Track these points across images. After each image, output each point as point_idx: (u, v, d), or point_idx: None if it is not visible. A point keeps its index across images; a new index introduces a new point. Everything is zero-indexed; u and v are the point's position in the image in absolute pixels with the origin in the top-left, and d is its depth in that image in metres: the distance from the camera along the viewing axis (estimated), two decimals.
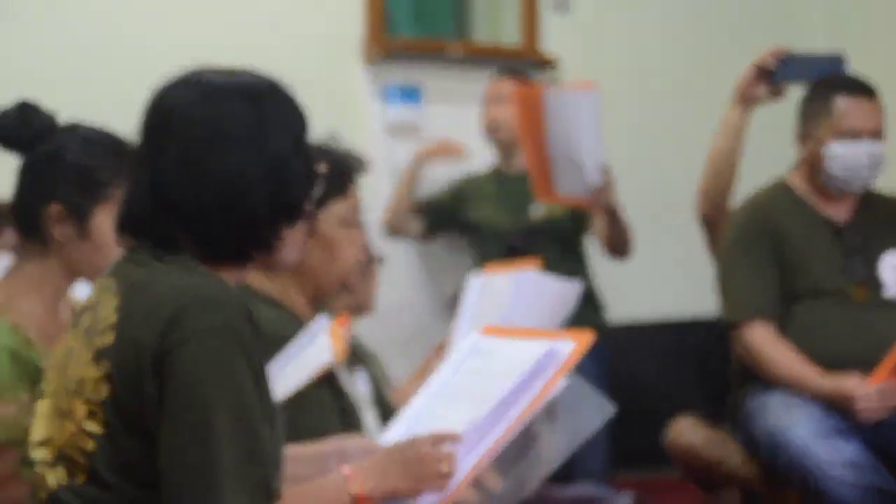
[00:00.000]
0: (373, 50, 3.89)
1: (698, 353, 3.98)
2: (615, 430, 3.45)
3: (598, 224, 3.42)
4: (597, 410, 1.75)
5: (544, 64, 4.06)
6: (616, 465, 3.59)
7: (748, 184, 3.03)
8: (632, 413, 3.64)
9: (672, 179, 3.95)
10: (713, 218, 3.02)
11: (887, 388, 2.60)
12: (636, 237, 3.51)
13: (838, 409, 2.64)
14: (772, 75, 2.92)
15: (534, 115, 3.06)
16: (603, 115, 4.12)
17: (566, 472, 3.34)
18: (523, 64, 4.02)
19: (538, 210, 3.49)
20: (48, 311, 1.86)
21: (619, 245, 3.45)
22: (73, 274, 1.88)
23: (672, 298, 4.15)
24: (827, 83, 2.79)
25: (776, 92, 2.94)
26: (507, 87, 3.57)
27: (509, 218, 3.51)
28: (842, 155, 2.75)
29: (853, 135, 2.73)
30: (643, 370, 3.96)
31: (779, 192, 2.86)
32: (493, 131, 3.58)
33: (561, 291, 2.52)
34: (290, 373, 1.92)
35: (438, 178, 3.89)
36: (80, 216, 1.85)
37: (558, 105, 3.05)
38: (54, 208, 1.85)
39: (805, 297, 2.77)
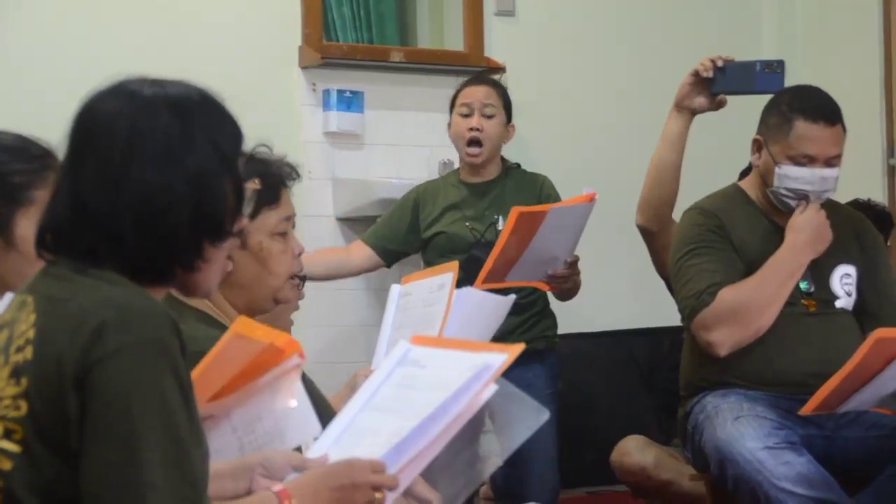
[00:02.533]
0: (310, 55, 3.89)
1: (649, 365, 3.96)
2: (567, 447, 3.47)
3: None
4: (531, 415, 1.75)
5: (490, 70, 4.02)
6: (569, 482, 3.57)
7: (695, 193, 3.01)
8: (583, 429, 3.67)
9: (619, 188, 3.92)
10: (654, 228, 3.02)
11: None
12: (584, 245, 3.47)
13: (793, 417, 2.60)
14: (710, 84, 2.88)
15: (529, 226, 3.01)
16: (547, 123, 4.11)
17: (516, 491, 3.33)
18: (469, 70, 4.00)
19: (500, 222, 3.44)
20: None
21: (566, 297, 3.44)
22: (2, 287, 1.81)
23: (623, 310, 4.13)
24: (793, 101, 2.77)
25: (717, 103, 2.92)
26: (488, 95, 3.49)
27: (473, 229, 3.45)
28: (792, 177, 2.75)
29: (807, 161, 2.73)
30: (593, 382, 3.94)
31: (731, 196, 2.86)
32: (472, 145, 3.47)
33: (496, 304, 2.55)
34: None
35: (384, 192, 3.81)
36: (1, 226, 1.82)
37: (558, 217, 3.03)
38: None
39: None
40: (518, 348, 1.64)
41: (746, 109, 3.08)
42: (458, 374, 1.65)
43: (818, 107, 2.75)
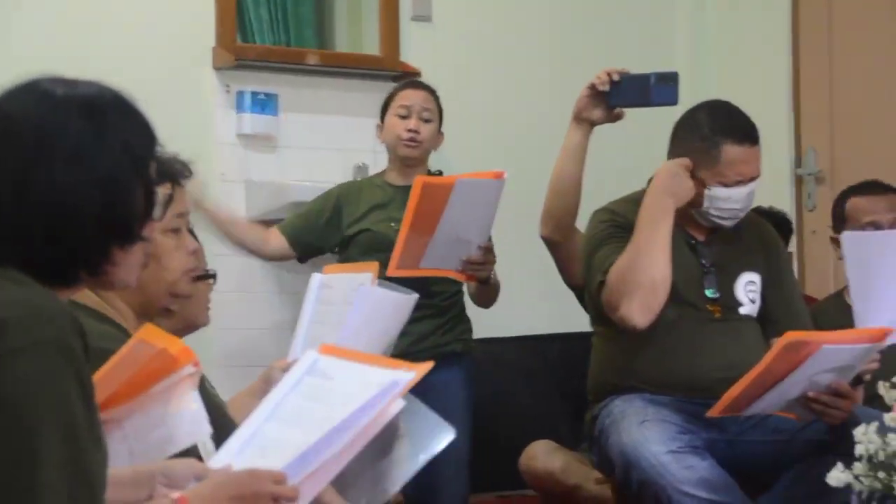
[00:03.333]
0: (224, 56, 3.85)
1: (562, 370, 3.97)
2: (479, 451, 3.47)
3: (470, 285, 3.44)
4: (437, 433, 1.80)
5: (406, 74, 4.02)
6: (480, 486, 3.57)
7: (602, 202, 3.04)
8: (496, 433, 3.67)
9: (535, 193, 3.94)
10: (557, 239, 3.05)
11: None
12: (501, 250, 3.49)
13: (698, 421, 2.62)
14: (607, 97, 2.90)
15: (436, 200, 3.03)
16: (463, 128, 4.11)
17: (427, 496, 3.32)
18: (384, 74, 3.99)
19: None
20: None
21: (486, 302, 3.48)
22: None
23: (538, 316, 4.14)
24: (714, 124, 2.80)
25: (614, 116, 2.96)
26: (427, 101, 3.52)
27: (397, 229, 3.44)
28: (722, 198, 2.79)
29: (738, 183, 2.77)
30: (507, 386, 3.94)
31: (639, 200, 2.87)
32: (410, 144, 3.46)
33: (398, 303, 2.55)
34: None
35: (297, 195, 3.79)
36: None
37: (466, 192, 3.05)
38: None
39: (667, 305, 2.76)
40: (426, 367, 1.67)
41: (653, 119, 3.11)
42: (364, 389, 1.66)
43: (741, 128, 2.79)
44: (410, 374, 1.66)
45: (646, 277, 2.70)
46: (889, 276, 2.73)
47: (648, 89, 2.92)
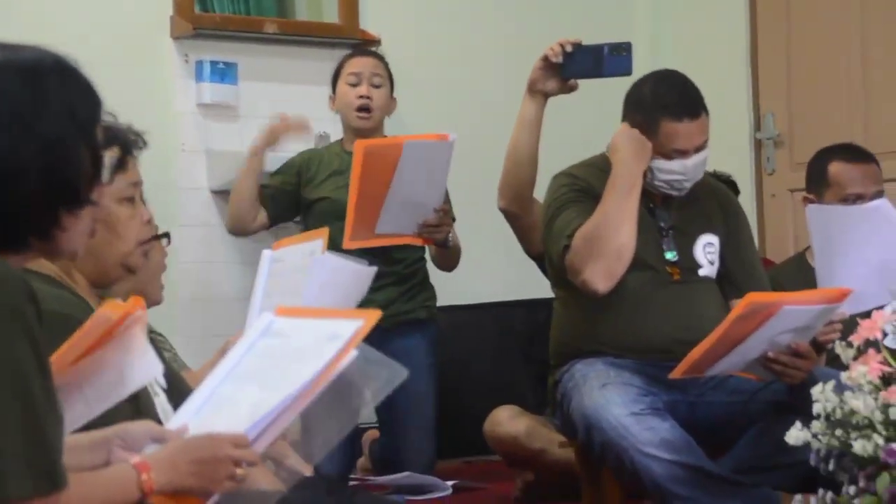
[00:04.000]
0: (182, 25, 3.83)
1: (526, 336, 3.99)
2: (443, 419, 3.48)
3: (431, 249, 3.45)
4: (388, 373, 1.76)
5: (366, 42, 4.00)
6: (446, 451, 3.59)
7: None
8: (462, 399, 3.68)
9: (494, 160, 3.93)
10: (516, 210, 3.07)
11: None
12: (462, 217, 3.48)
13: (659, 383, 2.64)
14: (560, 69, 2.91)
15: (383, 164, 3.04)
16: (422, 95, 4.09)
17: (394, 462, 3.33)
18: (344, 42, 3.97)
19: None
20: None
21: (447, 266, 3.49)
22: None
23: (501, 282, 4.15)
24: (655, 98, 2.79)
25: (568, 87, 2.97)
26: (376, 66, 3.52)
27: None
28: (665, 170, 2.79)
29: (678, 154, 2.77)
30: (472, 353, 3.95)
31: (599, 165, 2.88)
32: (362, 111, 3.46)
33: (356, 273, 2.57)
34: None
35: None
36: None
37: (415, 154, 3.06)
38: None
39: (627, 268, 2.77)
40: (375, 314, 1.65)
41: (609, 89, 3.10)
42: (318, 345, 1.66)
43: (680, 103, 2.77)
44: (359, 321, 1.66)
45: (612, 244, 2.70)
46: (852, 249, 2.74)
47: (602, 60, 2.92)
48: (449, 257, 3.44)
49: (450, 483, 3.33)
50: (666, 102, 2.77)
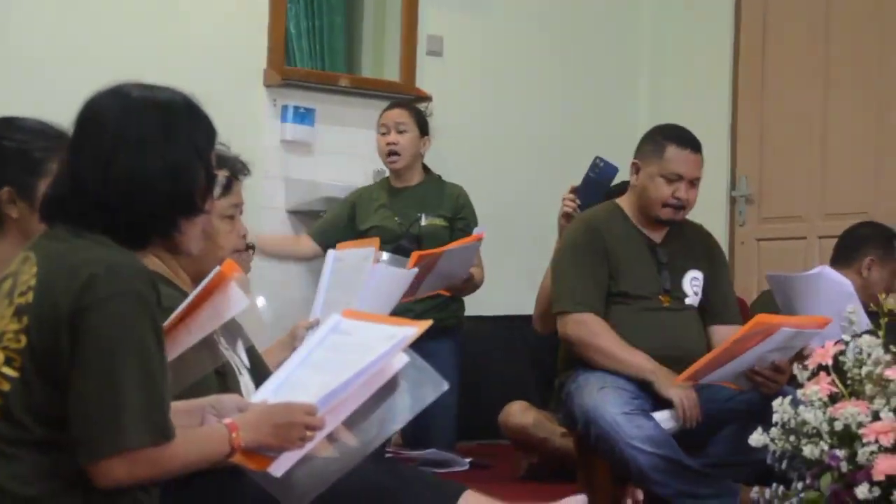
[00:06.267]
0: (273, 77, 3.88)
1: (535, 346, 3.97)
2: (463, 407, 3.49)
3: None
4: (433, 384, 1.76)
5: (418, 98, 4.03)
6: (466, 435, 3.57)
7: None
8: (480, 394, 3.67)
9: (522, 198, 3.99)
10: (546, 331, 3.03)
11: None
12: (490, 247, 3.51)
13: (648, 388, 2.65)
14: (579, 209, 2.96)
15: (429, 261, 3.04)
16: (466, 144, 4.13)
17: (422, 440, 3.34)
18: (403, 97, 4.00)
19: (423, 219, 3.48)
20: None
21: (462, 295, 3.50)
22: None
23: (518, 299, 4.14)
24: (665, 133, 2.81)
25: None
26: (400, 116, 3.53)
27: (400, 224, 3.47)
28: (665, 189, 2.76)
29: (677, 178, 2.76)
30: (490, 356, 3.95)
31: (610, 212, 2.87)
32: (391, 156, 3.49)
33: (400, 276, 2.64)
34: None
35: (327, 191, 3.80)
36: (28, 193, 1.81)
37: (452, 255, 3.08)
38: (5, 192, 1.82)
39: (625, 298, 2.77)
40: (426, 324, 1.67)
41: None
42: (376, 343, 1.67)
43: (685, 137, 2.80)
44: (413, 329, 1.67)
45: (590, 355, 2.70)
46: (808, 306, 2.72)
47: (596, 182, 3.00)
48: (463, 293, 3.46)
49: (467, 460, 3.31)
50: (674, 135, 2.79)
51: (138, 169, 1.47)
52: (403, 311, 2.70)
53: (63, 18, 3.56)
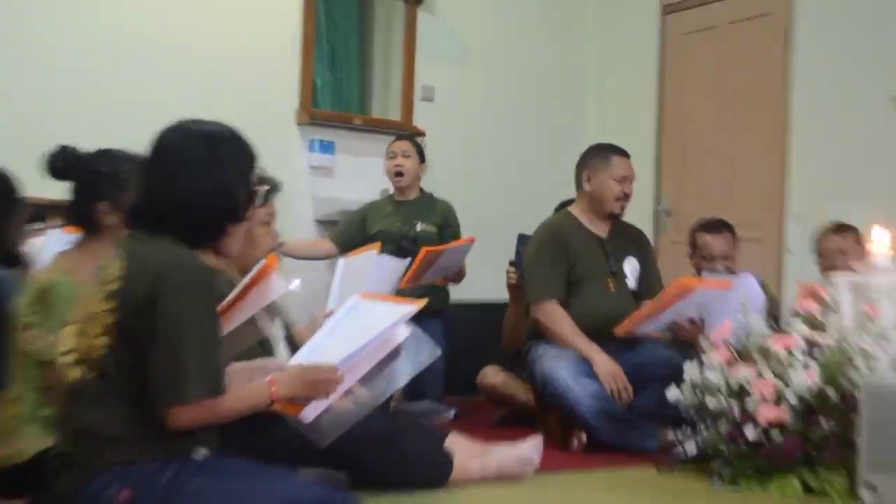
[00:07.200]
0: (303, 116, 3.85)
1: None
2: (449, 369, 3.49)
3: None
4: (429, 351, 1.77)
5: (415, 133, 4.04)
6: (451, 391, 3.56)
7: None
8: (462, 361, 3.68)
9: (500, 209, 3.97)
10: (514, 349, 3.02)
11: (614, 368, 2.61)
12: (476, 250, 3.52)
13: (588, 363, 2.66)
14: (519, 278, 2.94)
15: (434, 256, 3.07)
16: (453, 171, 4.12)
17: (415, 394, 3.35)
18: (402, 133, 4.00)
19: (418, 226, 3.47)
20: None
21: (453, 283, 3.48)
22: None
23: (495, 288, 4.14)
24: (606, 147, 2.84)
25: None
26: (406, 146, 3.52)
27: (401, 229, 3.49)
28: (615, 187, 2.80)
29: (622, 178, 2.80)
30: (471, 334, 3.94)
31: (565, 219, 2.89)
32: (397, 176, 3.50)
33: (397, 265, 2.70)
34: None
35: (345, 205, 3.81)
36: (119, 206, 1.83)
37: (450, 252, 3.10)
38: (103, 205, 1.85)
39: (582, 280, 2.78)
40: (422, 302, 1.71)
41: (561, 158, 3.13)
42: (384, 317, 1.70)
43: (622, 149, 2.85)
44: (413, 306, 1.69)
45: (551, 335, 2.70)
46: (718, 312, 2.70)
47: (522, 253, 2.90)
48: (455, 283, 3.46)
49: (452, 410, 3.30)
50: (614, 148, 2.83)
51: (193, 187, 1.48)
52: (405, 297, 2.71)
53: (132, 70, 3.51)
